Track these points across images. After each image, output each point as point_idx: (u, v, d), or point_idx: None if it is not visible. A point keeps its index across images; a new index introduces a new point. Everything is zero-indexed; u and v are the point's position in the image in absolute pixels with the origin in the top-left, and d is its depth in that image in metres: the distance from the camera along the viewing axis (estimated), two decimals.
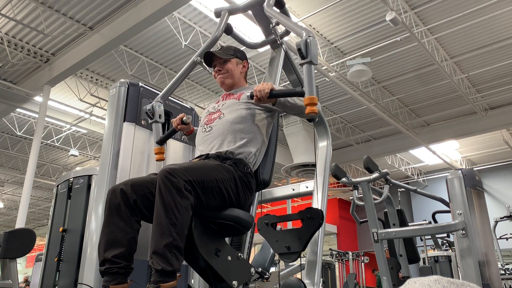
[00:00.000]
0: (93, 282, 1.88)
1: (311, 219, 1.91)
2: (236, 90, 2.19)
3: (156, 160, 2.08)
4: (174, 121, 2.13)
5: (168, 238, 1.55)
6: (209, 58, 2.19)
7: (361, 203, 3.93)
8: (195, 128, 2.26)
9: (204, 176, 1.72)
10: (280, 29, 2.46)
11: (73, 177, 2.61)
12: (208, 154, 1.95)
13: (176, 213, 1.57)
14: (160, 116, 2.07)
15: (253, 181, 1.95)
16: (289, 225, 7.95)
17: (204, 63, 2.21)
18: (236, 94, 2.14)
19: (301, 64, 1.70)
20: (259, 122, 2.04)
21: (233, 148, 1.94)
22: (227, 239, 2.05)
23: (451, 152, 12.07)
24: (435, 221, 5.48)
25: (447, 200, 3.23)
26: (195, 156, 2.07)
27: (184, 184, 1.61)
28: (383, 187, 3.86)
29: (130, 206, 1.71)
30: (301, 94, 1.68)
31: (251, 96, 1.85)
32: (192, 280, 2.64)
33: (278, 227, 2.13)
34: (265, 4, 2.22)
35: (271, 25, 2.37)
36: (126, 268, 1.67)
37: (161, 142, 2.08)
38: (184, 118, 2.10)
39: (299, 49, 1.68)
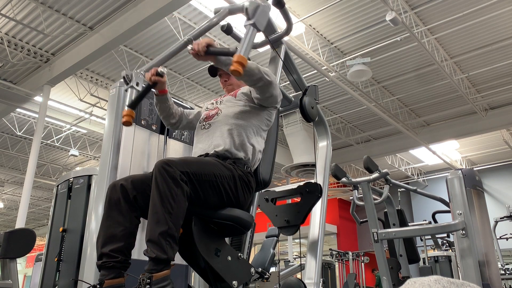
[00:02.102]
0: (93, 281, 1.88)
1: (309, 193, 1.92)
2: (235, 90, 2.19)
3: (123, 123, 1.88)
4: (148, 74, 1.95)
5: (164, 226, 1.55)
6: (214, 67, 2.15)
7: (361, 203, 3.94)
8: (169, 92, 2.15)
9: (201, 169, 1.72)
10: (280, 28, 2.46)
11: (73, 177, 2.61)
12: (208, 153, 1.95)
13: (172, 202, 1.58)
14: (137, 84, 1.97)
15: (253, 180, 1.95)
16: None
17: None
18: (233, 92, 2.15)
19: (245, 25, 1.67)
20: (256, 117, 2.03)
21: (232, 147, 1.93)
22: (227, 239, 2.05)
23: (451, 152, 12.07)
24: (435, 221, 5.48)
25: (447, 200, 3.23)
26: (194, 155, 2.06)
27: (180, 175, 1.62)
28: (383, 187, 3.87)
29: (130, 202, 1.72)
30: (232, 54, 1.61)
31: (191, 48, 1.75)
32: (192, 280, 2.64)
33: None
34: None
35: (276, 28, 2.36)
36: (123, 263, 1.67)
37: (133, 105, 1.90)
38: (159, 69, 1.94)
39: (246, 9, 1.65)
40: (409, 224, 4.68)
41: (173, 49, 2.11)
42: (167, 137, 2.40)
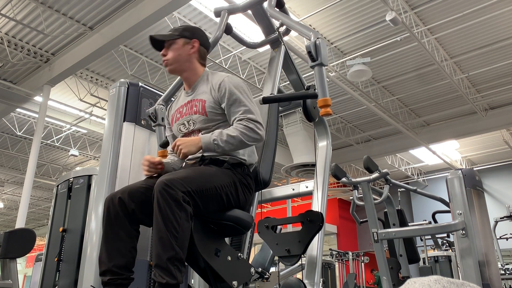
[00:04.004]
0: (93, 282, 1.88)
1: (311, 222, 1.90)
2: (195, 92, 1.95)
3: None
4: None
5: (171, 252, 1.54)
6: (158, 43, 1.96)
7: (361, 203, 3.93)
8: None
9: (203, 184, 1.68)
10: (280, 28, 2.46)
11: (73, 177, 2.61)
12: (203, 156, 1.88)
13: (176, 226, 1.56)
14: (162, 119, 2.08)
15: (252, 181, 1.93)
16: (289, 225, 7.95)
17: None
18: (199, 102, 1.90)
19: (312, 67, 1.68)
20: None
21: (221, 154, 1.86)
22: (227, 239, 2.05)
23: (451, 152, 12.07)
24: (435, 221, 5.48)
25: (447, 200, 3.23)
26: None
27: (183, 196, 1.59)
28: (383, 187, 3.86)
29: (129, 216, 1.71)
30: (314, 96, 1.66)
31: (264, 101, 1.77)
32: (192, 280, 2.64)
33: (278, 227, 2.13)
34: (266, 5, 2.22)
35: (275, 27, 2.37)
36: (129, 279, 1.69)
37: (165, 145, 2.08)
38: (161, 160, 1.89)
39: (309, 52, 1.65)
40: (409, 224, 4.68)
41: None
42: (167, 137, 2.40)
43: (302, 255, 1.97)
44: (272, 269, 2.29)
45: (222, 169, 1.82)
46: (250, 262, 2.06)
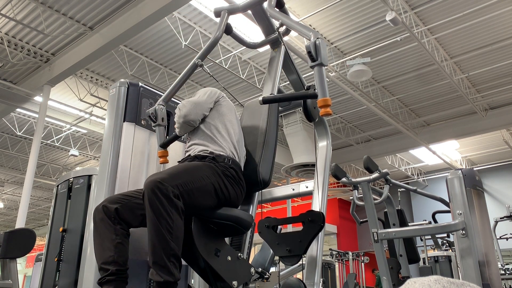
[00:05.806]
0: (93, 282, 1.88)
1: (312, 222, 1.91)
2: None
3: (160, 163, 2.09)
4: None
5: (167, 248, 1.56)
6: None
7: (361, 203, 3.93)
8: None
9: (189, 177, 1.75)
10: (280, 28, 2.46)
11: (73, 177, 2.61)
12: (190, 155, 2.03)
13: (170, 222, 1.58)
14: (163, 119, 2.07)
15: (236, 173, 1.95)
16: (289, 225, 7.94)
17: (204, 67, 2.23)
18: None
19: (312, 67, 1.68)
20: (210, 116, 2.11)
21: (205, 145, 2.00)
22: (227, 239, 2.05)
23: (451, 152, 12.07)
24: (435, 221, 5.48)
25: (447, 200, 3.23)
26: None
27: (173, 191, 1.62)
28: (383, 187, 3.86)
29: (112, 216, 1.76)
30: (314, 96, 1.66)
31: (263, 101, 1.77)
32: (192, 280, 2.64)
33: (279, 227, 2.13)
34: (266, 5, 2.22)
35: (275, 27, 2.37)
36: (115, 274, 1.67)
37: (165, 145, 2.09)
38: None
39: (309, 52, 1.66)
40: (409, 224, 4.68)
41: (184, 74, 2.18)
42: (167, 137, 2.40)
43: (303, 255, 1.97)
44: (272, 269, 2.30)
45: (204, 163, 1.89)
46: (250, 262, 2.06)
